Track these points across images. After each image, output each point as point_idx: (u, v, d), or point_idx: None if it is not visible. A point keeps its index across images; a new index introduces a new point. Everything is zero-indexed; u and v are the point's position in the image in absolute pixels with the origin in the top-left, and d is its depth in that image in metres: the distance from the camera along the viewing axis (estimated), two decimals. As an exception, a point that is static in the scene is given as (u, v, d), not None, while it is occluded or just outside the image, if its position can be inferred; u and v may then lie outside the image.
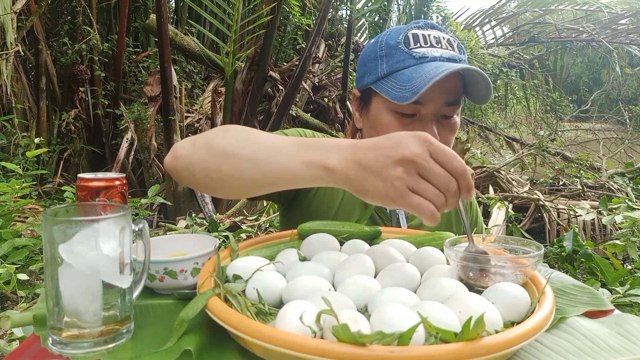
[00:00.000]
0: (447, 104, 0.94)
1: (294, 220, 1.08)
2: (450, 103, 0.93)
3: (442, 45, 0.94)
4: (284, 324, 0.55)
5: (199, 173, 0.77)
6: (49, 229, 0.59)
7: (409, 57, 0.94)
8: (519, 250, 0.76)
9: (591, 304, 0.73)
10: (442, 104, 0.94)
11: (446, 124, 0.96)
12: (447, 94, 0.93)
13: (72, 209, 0.66)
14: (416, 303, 0.62)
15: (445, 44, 0.94)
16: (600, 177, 5.71)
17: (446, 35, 0.96)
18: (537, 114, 7.71)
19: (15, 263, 2.29)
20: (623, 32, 6.68)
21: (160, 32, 3.59)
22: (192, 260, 0.78)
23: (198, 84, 5.56)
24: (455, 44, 0.95)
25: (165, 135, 3.87)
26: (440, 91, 0.92)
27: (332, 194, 1.07)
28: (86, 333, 0.60)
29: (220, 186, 0.76)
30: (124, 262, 0.62)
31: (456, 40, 0.96)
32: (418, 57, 0.93)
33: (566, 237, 3.20)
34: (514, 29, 7.49)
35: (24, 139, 4.11)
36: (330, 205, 1.07)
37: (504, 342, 0.52)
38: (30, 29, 4.30)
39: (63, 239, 0.58)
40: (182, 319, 0.61)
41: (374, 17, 6.74)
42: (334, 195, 1.07)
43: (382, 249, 0.81)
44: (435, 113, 0.94)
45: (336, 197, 1.07)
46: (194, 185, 0.83)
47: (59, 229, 0.58)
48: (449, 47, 0.94)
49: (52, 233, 0.58)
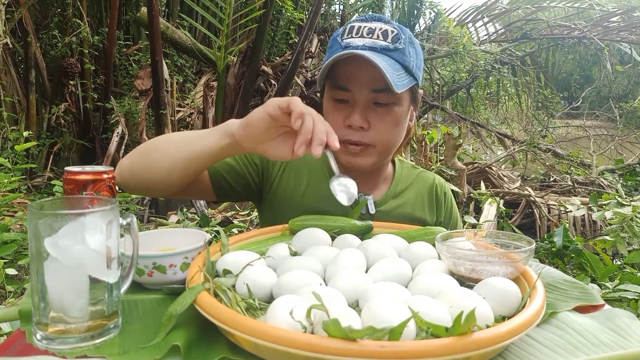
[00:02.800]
0: (373, 90, 0.95)
1: (264, 214, 1.15)
2: (377, 90, 0.95)
3: (373, 35, 0.95)
4: (274, 319, 0.54)
5: (138, 171, 0.94)
6: (34, 223, 0.57)
7: (339, 47, 0.97)
8: (510, 245, 0.76)
9: (582, 299, 0.73)
10: (369, 91, 0.96)
11: (381, 111, 0.98)
12: (371, 81, 0.94)
13: (58, 203, 0.65)
14: (407, 298, 0.61)
15: (377, 34, 0.95)
16: (590, 173, 5.75)
17: (386, 27, 0.96)
18: (529, 110, 7.74)
19: (3, 258, 2.27)
20: (614, 30, 6.71)
21: (152, 25, 3.55)
22: (181, 255, 0.78)
23: (190, 78, 5.53)
24: (391, 35, 0.96)
25: (157, 130, 3.84)
26: (362, 78, 0.95)
27: (294, 185, 1.10)
28: (73, 328, 0.59)
29: (154, 174, 0.92)
30: (111, 256, 0.61)
31: (397, 32, 0.96)
32: (343, 46, 0.96)
33: (556, 232, 3.22)
34: (506, 26, 7.50)
35: (13, 133, 4.06)
36: (294, 195, 1.09)
37: (495, 336, 0.52)
38: (19, 21, 4.24)
39: (49, 232, 0.57)
40: (171, 314, 0.60)
41: (367, 12, 6.73)
42: (296, 186, 1.10)
43: (374, 243, 0.81)
44: (366, 100, 0.97)
45: (299, 187, 1.10)
46: (139, 186, 0.97)
47: (45, 222, 0.57)
48: (380, 38, 0.95)
49: (37, 227, 0.57)
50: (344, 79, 0.97)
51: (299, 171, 1.11)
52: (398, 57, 0.95)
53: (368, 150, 1.00)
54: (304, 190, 1.09)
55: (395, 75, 0.90)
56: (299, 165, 1.11)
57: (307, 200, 1.08)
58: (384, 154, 1.04)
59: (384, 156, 1.05)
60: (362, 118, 0.96)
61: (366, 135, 0.98)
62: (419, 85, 1.04)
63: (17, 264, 2.38)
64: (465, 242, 0.79)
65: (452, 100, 8.03)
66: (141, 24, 4.68)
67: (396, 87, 0.89)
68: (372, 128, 0.98)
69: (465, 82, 7.18)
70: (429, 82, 7.53)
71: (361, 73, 0.94)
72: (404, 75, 0.95)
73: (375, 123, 0.98)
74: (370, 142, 0.98)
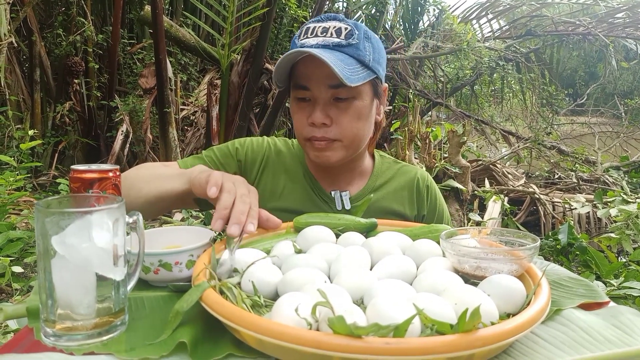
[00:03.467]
0: (331, 86, 0.98)
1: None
2: (334, 86, 0.97)
3: (327, 34, 0.98)
4: (279, 315, 0.55)
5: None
6: (41, 221, 0.58)
7: (295, 48, 0.98)
8: (515, 242, 0.76)
9: (587, 296, 0.73)
10: (327, 87, 0.98)
11: (342, 106, 1.00)
12: (327, 77, 0.96)
13: (65, 201, 0.65)
14: (412, 295, 0.61)
15: (331, 32, 0.98)
16: (595, 170, 5.72)
17: (340, 25, 0.99)
18: (533, 107, 7.71)
19: (10, 256, 2.28)
20: (619, 26, 6.66)
21: (155, 23, 3.55)
22: (187, 253, 0.78)
23: (193, 76, 5.53)
24: (344, 32, 0.98)
25: (161, 128, 3.84)
26: (319, 76, 0.97)
27: (272, 187, 1.14)
28: (80, 325, 0.59)
29: (135, 207, 0.95)
30: (117, 254, 0.62)
31: (350, 28, 0.98)
32: (299, 47, 0.98)
33: (561, 230, 3.21)
34: (511, 22, 7.45)
35: (18, 131, 4.08)
36: (272, 196, 1.13)
37: (499, 334, 0.52)
38: (24, 20, 4.25)
39: (56, 231, 0.57)
40: (177, 311, 0.61)
41: (371, 9, 6.72)
42: (274, 187, 1.14)
43: (378, 241, 0.81)
44: (325, 96, 0.99)
45: (277, 188, 1.14)
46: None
47: (52, 220, 0.58)
48: (333, 35, 0.98)
49: (44, 225, 0.58)
50: (303, 79, 1.00)
51: (276, 172, 1.15)
52: (352, 52, 0.97)
53: (334, 144, 1.02)
54: (282, 191, 1.13)
55: (347, 70, 0.92)
56: (275, 167, 1.15)
57: (284, 201, 1.12)
58: (351, 148, 1.05)
59: (352, 150, 1.06)
60: (323, 115, 0.99)
61: (329, 131, 1.00)
62: (382, 80, 1.06)
63: (23, 261, 2.39)
64: (469, 239, 0.79)
65: (456, 97, 8.01)
66: (145, 23, 4.68)
67: (349, 80, 0.91)
68: (334, 124, 1.00)
69: (469, 79, 7.16)
70: (432, 79, 7.51)
71: (317, 70, 0.96)
72: (360, 69, 0.97)
73: (337, 118, 1.00)
74: (334, 138, 1.01)
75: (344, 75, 0.90)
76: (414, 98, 6.07)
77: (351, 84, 0.91)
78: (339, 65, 0.91)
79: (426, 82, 7.48)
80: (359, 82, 0.95)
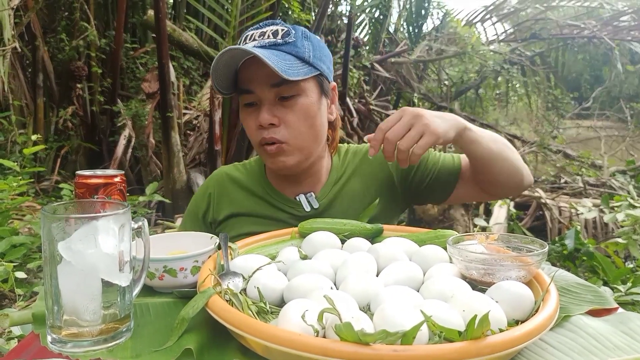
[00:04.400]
0: (273, 85, 0.98)
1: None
2: (275, 84, 0.98)
3: (264, 37, 1.00)
4: (286, 322, 0.54)
5: None
6: (47, 227, 0.58)
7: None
8: (523, 248, 0.76)
9: (595, 303, 0.72)
10: (269, 87, 0.98)
11: (288, 104, 1.00)
12: (268, 76, 0.97)
13: (70, 207, 0.65)
14: (419, 302, 0.61)
15: (268, 35, 1.00)
16: (601, 174, 5.69)
17: (277, 27, 1.01)
18: (539, 111, 7.68)
19: (13, 261, 2.27)
20: (625, 29, 6.64)
21: (158, 28, 3.56)
22: (192, 258, 0.78)
23: (196, 80, 5.54)
24: (281, 32, 1.00)
25: (164, 132, 3.85)
26: (260, 76, 0.98)
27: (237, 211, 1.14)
28: (86, 331, 0.59)
29: None
30: (123, 260, 0.61)
31: (287, 29, 1.00)
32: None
33: (568, 235, 3.19)
34: (515, 26, 7.45)
35: (21, 136, 4.08)
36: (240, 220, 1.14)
37: (508, 341, 0.52)
38: (27, 25, 4.27)
39: (62, 236, 0.57)
40: (183, 318, 0.61)
41: (374, 12, 6.73)
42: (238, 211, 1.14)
43: (384, 247, 0.81)
44: (269, 96, 1.00)
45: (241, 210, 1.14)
46: None
47: (58, 226, 0.57)
48: (270, 37, 0.99)
49: (50, 231, 0.58)
50: (246, 82, 1.01)
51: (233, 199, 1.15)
52: (289, 50, 0.98)
53: (284, 148, 1.01)
54: (246, 211, 1.13)
55: (284, 64, 0.93)
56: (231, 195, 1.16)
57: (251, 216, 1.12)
58: (305, 150, 1.04)
59: (307, 152, 1.05)
60: (269, 115, 0.99)
61: (278, 132, 1.00)
62: (328, 78, 1.07)
63: (26, 267, 2.39)
64: (477, 245, 0.78)
65: (460, 101, 7.99)
66: (148, 27, 4.69)
67: (286, 74, 0.91)
68: (282, 124, 1.00)
69: (473, 82, 7.15)
70: (437, 82, 7.51)
71: (258, 72, 0.97)
72: (299, 65, 0.97)
73: (284, 117, 1.00)
74: (283, 139, 1.00)
75: (280, 69, 0.91)
76: (419, 102, 6.07)
77: (289, 77, 0.92)
78: (274, 60, 0.92)
79: (430, 86, 7.48)
80: (300, 77, 0.96)
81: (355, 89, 5.63)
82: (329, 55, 1.08)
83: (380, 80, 6.60)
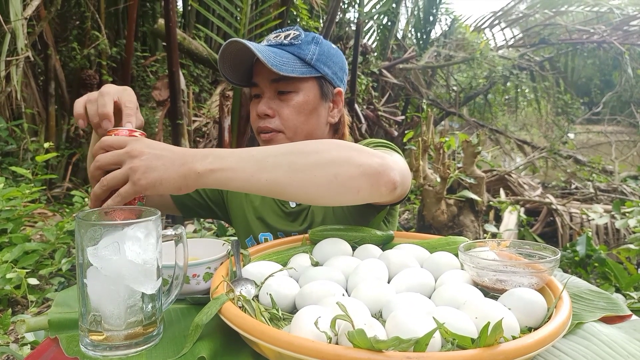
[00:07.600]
0: (272, 81, 1.07)
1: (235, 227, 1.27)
2: (274, 80, 1.06)
3: (277, 38, 1.09)
4: (299, 329, 0.54)
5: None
6: (80, 233, 0.59)
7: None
8: (535, 255, 0.75)
9: (608, 309, 0.72)
10: (269, 82, 1.07)
11: (284, 99, 1.08)
12: (269, 72, 1.04)
13: (100, 213, 0.66)
14: (431, 309, 0.61)
15: (281, 37, 1.09)
16: (612, 180, 5.65)
17: (291, 32, 1.10)
18: (548, 116, 7.65)
19: (25, 267, 2.29)
20: (635, 34, 6.61)
21: (169, 36, 3.60)
22: (204, 265, 0.78)
23: (206, 87, 5.58)
24: (292, 35, 1.09)
25: (173, 140, 3.87)
26: (263, 72, 1.07)
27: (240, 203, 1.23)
28: (111, 336, 0.60)
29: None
30: (150, 268, 0.62)
31: (298, 33, 1.09)
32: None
33: (579, 241, 3.16)
34: (524, 31, 7.43)
35: (33, 144, 4.13)
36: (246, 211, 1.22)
37: (521, 348, 0.51)
38: (40, 35, 4.32)
39: (91, 242, 0.59)
40: (197, 324, 0.61)
41: (382, 19, 6.75)
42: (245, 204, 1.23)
43: (395, 254, 0.81)
44: (269, 90, 1.08)
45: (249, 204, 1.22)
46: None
47: (87, 233, 0.59)
48: (281, 39, 1.09)
49: (82, 237, 0.59)
50: (254, 76, 1.11)
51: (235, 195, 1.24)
52: (292, 50, 1.07)
53: (278, 136, 1.09)
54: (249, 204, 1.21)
55: (278, 60, 1.01)
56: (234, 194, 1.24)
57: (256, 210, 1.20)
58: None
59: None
60: (266, 106, 1.08)
61: (272, 122, 1.08)
62: (333, 82, 1.12)
63: (38, 273, 2.41)
64: (488, 252, 0.78)
65: (469, 106, 7.98)
66: (158, 36, 4.74)
67: (277, 68, 0.99)
68: (277, 115, 1.08)
69: (482, 88, 7.14)
70: (445, 88, 7.50)
71: (263, 68, 1.05)
72: (298, 64, 1.05)
73: (279, 110, 1.08)
74: (276, 128, 1.08)
75: (272, 63, 0.98)
76: (427, 108, 6.06)
77: (281, 72, 1.00)
78: (269, 56, 0.99)
79: (439, 92, 7.47)
80: (292, 74, 1.02)
81: (363, 95, 5.64)
82: (339, 63, 1.13)
83: (389, 87, 6.61)
